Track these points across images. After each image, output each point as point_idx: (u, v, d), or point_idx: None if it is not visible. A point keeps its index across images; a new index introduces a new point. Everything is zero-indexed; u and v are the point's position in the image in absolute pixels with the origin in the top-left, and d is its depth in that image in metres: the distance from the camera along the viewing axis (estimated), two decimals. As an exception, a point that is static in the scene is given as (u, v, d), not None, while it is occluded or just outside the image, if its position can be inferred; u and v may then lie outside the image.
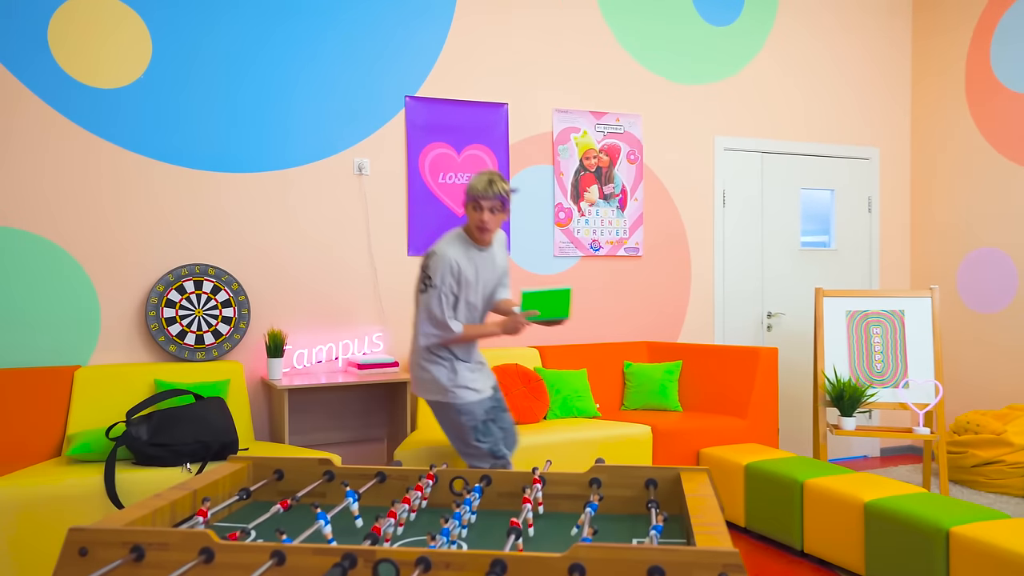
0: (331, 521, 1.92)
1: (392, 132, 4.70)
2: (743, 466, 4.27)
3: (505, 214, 3.31)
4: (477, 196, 3.21)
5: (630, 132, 5.34)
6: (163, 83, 4.21)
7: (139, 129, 4.17)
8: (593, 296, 5.26)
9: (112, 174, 4.12)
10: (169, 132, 4.22)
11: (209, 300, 4.22)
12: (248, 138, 4.38)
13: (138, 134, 4.16)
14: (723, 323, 5.66)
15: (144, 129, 4.17)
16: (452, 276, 3.25)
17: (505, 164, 4.98)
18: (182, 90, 4.24)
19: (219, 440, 3.60)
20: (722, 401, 4.90)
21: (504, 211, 3.28)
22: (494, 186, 3.20)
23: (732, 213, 5.70)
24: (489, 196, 3.20)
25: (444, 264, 3.24)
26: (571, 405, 4.71)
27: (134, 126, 4.16)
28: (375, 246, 4.67)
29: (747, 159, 5.75)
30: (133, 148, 4.16)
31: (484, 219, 3.22)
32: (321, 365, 4.53)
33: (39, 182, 3.99)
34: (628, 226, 5.34)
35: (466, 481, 2.14)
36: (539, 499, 2.05)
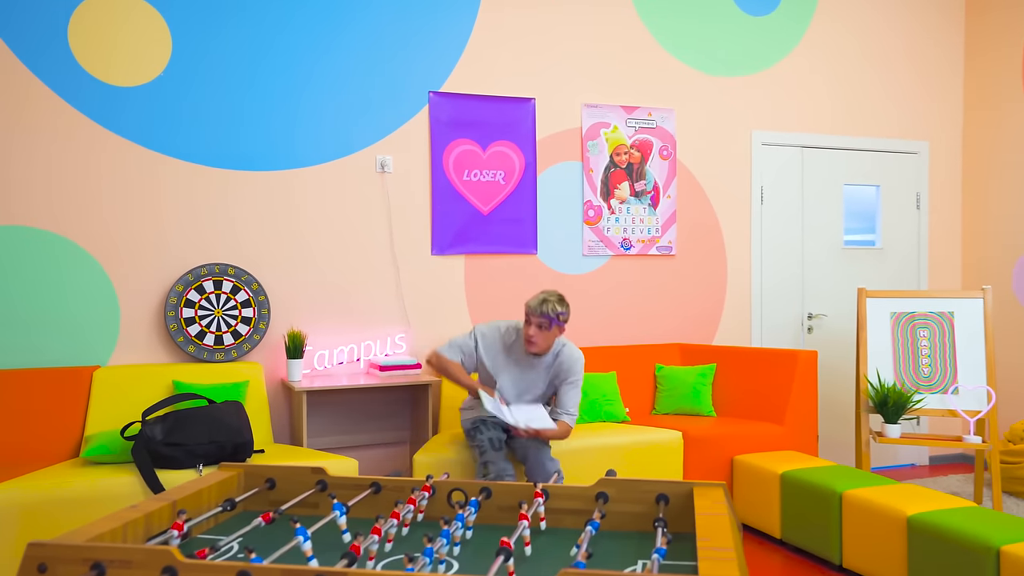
0: (318, 536, 1.81)
1: (416, 128, 4.60)
2: (779, 475, 4.07)
3: (557, 331, 3.68)
4: (528, 312, 3.64)
5: (663, 127, 5.16)
6: (184, 80, 4.16)
7: (159, 127, 4.12)
8: (623, 297, 5.09)
9: (133, 173, 4.09)
10: (190, 130, 4.17)
11: (228, 300, 4.17)
12: (269, 135, 4.31)
13: (158, 132, 4.12)
14: (761, 325, 5.44)
15: (164, 127, 4.13)
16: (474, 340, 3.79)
17: (532, 161, 4.84)
18: (203, 87, 4.19)
19: (233, 441, 3.53)
20: (758, 406, 4.69)
21: (553, 329, 3.65)
22: (544, 306, 3.59)
23: (771, 210, 5.48)
24: (537, 314, 3.61)
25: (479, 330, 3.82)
26: (599, 409, 4.56)
27: (154, 124, 4.12)
28: (398, 245, 4.57)
29: (786, 154, 5.52)
30: (153, 146, 4.12)
31: (530, 333, 3.64)
32: (342, 367, 4.44)
33: (60, 181, 3.97)
34: (660, 224, 5.16)
35: (465, 493, 2.01)
36: (541, 514, 1.91)
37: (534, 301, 3.63)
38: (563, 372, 3.75)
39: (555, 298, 3.63)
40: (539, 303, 3.61)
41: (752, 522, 4.28)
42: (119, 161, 4.06)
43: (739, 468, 4.36)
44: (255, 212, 4.29)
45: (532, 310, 3.62)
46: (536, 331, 3.63)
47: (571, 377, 3.74)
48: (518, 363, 3.77)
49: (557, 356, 3.77)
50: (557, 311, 3.61)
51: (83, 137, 4.00)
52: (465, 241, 4.70)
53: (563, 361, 3.75)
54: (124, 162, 4.07)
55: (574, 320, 4.94)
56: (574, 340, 4.95)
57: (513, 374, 3.77)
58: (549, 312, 3.60)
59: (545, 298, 3.62)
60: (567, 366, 3.75)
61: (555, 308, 3.61)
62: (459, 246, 4.69)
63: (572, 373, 3.74)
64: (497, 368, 3.77)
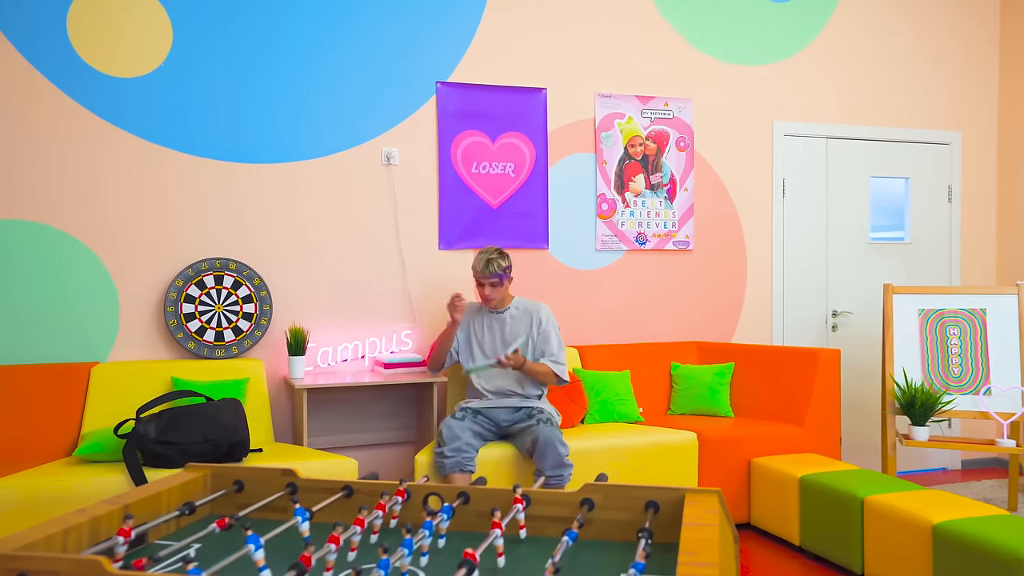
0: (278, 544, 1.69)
1: (422, 120, 4.48)
2: (797, 479, 3.89)
3: (508, 283, 3.93)
4: (477, 276, 3.88)
5: (680, 117, 4.99)
6: (184, 71, 4.08)
7: (160, 119, 4.05)
8: (638, 293, 4.92)
9: (132, 165, 4.02)
10: (190, 122, 4.09)
11: (229, 295, 4.08)
12: (272, 127, 4.22)
13: (158, 124, 4.05)
14: (782, 323, 5.24)
15: (165, 119, 4.05)
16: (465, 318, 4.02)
17: (543, 153, 4.69)
18: (204, 78, 4.11)
19: (228, 440, 3.44)
20: (778, 407, 4.50)
21: (505, 283, 3.90)
22: (491, 265, 3.84)
23: (793, 204, 5.28)
24: (486, 275, 3.85)
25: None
26: (611, 409, 4.40)
27: (154, 116, 4.04)
28: (404, 240, 4.45)
29: (810, 145, 5.31)
30: (153, 139, 4.04)
31: (486, 294, 3.90)
32: (347, 364, 4.33)
33: (58, 174, 3.91)
34: (677, 218, 4.99)
35: (442, 498, 1.88)
36: (521, 521, 1.77)
37: (479, 264, 3.85)
38: (519, 327, 3.96)
39: (496, 254, 3.87)
40: (484, 265, 3.84)
41: (770, 528, 4.10)
42: (119, 153, 3.99)
43: (757, 471, 4.18)
44: (257, 205, 4.20)
45: (480, 273, 3.85)
46: (490, 290, 3.88)
47: (540, 325, 3.95)
48: (490, 325, 3.98)
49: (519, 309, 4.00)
50: (502, 267, 3.86)
51: (81, 129, 3.94)
52: (474, 235, 4.57)
53: (528, 311, 3.99)
54: (124, 154, 4.00)
55: (586, 316, 4.79)
56: (586, 337, 4.80)
57: (493, 330, 3.97)
58: (496, 270, 3.84)
59: (488, 259, 3.85)
60: (532, 314, 3.97)
61: (499, 264, 3.85)
62: (468, 240, 4.56)
63: (538, 320, 3.96)
64: (477, 329, 3.99)
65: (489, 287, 3.87)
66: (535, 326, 3.96)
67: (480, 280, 3.88)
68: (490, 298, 3.89)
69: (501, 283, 3.88)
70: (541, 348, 3.95)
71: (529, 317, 3.97)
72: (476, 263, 3.87)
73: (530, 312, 3.99)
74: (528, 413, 3.88)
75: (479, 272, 3.86)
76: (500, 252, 3.89)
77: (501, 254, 3.88)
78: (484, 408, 3.90)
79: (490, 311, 4.00)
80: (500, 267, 3.84)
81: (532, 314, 3.98)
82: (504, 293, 3.94)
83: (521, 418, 3.87)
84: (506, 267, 3.87)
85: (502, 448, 3.85)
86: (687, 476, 4.14)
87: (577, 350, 4.64)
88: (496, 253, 3.88)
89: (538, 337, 3.96)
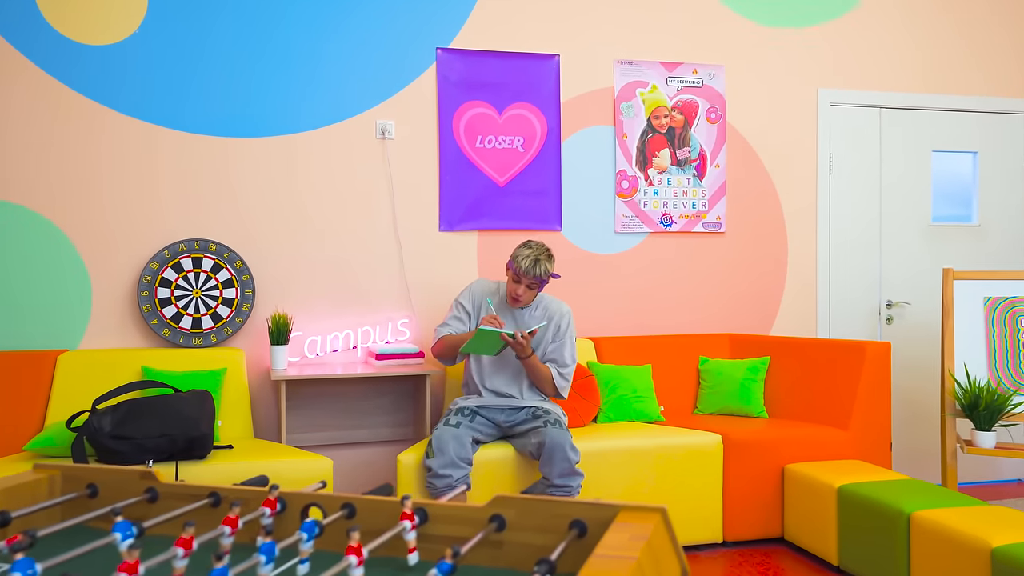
0: (88, 564, 1.33)
1: (421, 90, 4.11)
2: (835, 489, 3.39)
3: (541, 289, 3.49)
4: (518, 271, 3.38)
5: (710, 86, 4.50)
6: (159, 39, 3.80)
7: (133, 89, 3.78)
8: (663, 280, 4.46)
9: (105, 139, 3.76)
10: (167, 92, 3.81)
11: (209, 279, 3.79)
12: (255, 98, 3.91)
13: (132, 95, 3.78)
14: (828, 314, 4.70)
15: (139, 89, 3.78)
16: (468, 299, 3.58)
17: (556, 125, 4.28)
18: (180, 46, 3.83)
19: (186, 434, 3.13)
20: (819, 407, 3.99)
21: (541, 288, 3.48)
22: (538, 267, 3.37)
23: (841, 182, 4.73)
24: (530, 276, 3.38)
25: (469, 288, 3.61)
26: (628, 407, 3.96)
27: (128, 86, 3.77)
28: (401, 221, 4.09)
29: (861, 116, 4.76)
30: (127, 111, 3.78)
31: (519, 293, 3.43)
32: (337, 355, 4.00)
33: (25, 148, 3.68)
34: (708, 197, 4.51)
35: (324, 511, 1.50)
36: (411, 543, 1.38)
37: (526, 261, 3.37)
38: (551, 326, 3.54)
39: (545, 255, 3.41)
40: (532, 264, 3.37)
41: (805, 544, 3.60)
42: (90, 127, 3.74)
43: (791, 480, 3.69)
44: (239, 183, 3.90)
45: (524, 272, 3.38)
46: (526, 292, 3.45)
47: (559, 331, 3.54)
48: (504, 316, 3.55)
49: (539, 307, 3.58)
50: (550, 272, 3.42)
51: (49, 100, 3.69)
52: (478, 216, 4.19)
53: (550, 312, 3.56)
54: (95, 128, 3.74)
55: (603, 305, 4.36)
56: (603, 327, 4.36)
57: (507, 321, 3.54)
58: (542, 275, 3.40)
59: (537, 257, 3.38)
60: (553, 317, 3.55)
61: (546, 269, 3.40)
62: (471, 221, 4.18)
63: (557, 325, 3.54)
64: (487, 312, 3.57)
65: (526, 288, 3.42)
66: (552, 331, 3.53)
67: (519, 277, 3.41)
68: (522, 299, 3.45)
69: (541, 287, 3.47)
70: (552, 356, 3.52)
71: (549, 319, 3.53)
72: (521, 258, 3.37)
73: (551, 314, 3.54)
74: (533, 413, 3.47)
75: (523, 270, 3.37)
76: (550, 253, 3.43)
77: (550, 256, 3.43)
78: (483, 407, 3.50)
79: (507, 306, 3.56)
80: (547, 272, 3.40)
81: (553, 316, 3.54)
82: (534, 296, 3.51)
83: (525, 418, 3.47)
84: (553, 273, 3.46)
85: (502, 448, 3.46)
86: (709, 484, 3.67)
87: (592, 342, 4.21)
88: (546, 254, 3.41)
89: (552, 344, 3.53)
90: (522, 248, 3.42)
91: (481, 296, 3.59)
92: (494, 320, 3.34)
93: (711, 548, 3.72)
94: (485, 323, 3.33)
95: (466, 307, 3.58)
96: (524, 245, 3.44)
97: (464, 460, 3.26)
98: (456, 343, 3.46)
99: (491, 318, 3.35)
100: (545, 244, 3.48)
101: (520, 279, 3.41)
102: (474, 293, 3.61)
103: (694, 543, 3.68)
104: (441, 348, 3.53)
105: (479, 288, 3.62)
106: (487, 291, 3.61)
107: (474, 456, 3.37)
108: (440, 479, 3.22)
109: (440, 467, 3.22)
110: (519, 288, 3.42)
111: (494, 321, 3.34)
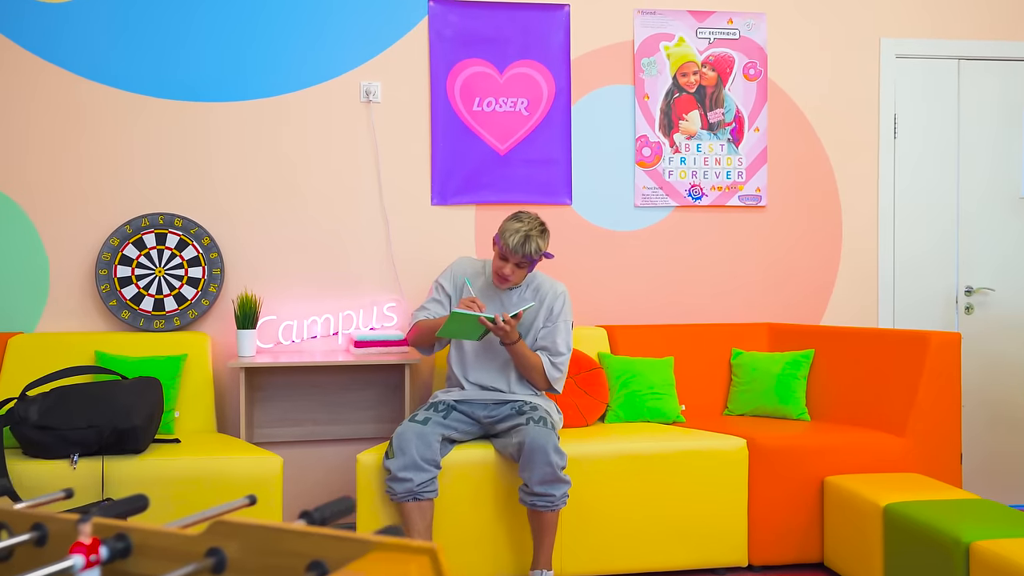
0: None
1: (411, 47, 3.68)
2: (881, 508, 2.77)
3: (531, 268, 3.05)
4: (504, 249, 2.94)
5: (748, 37, 3.91)
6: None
7: (92, 49, 3.48)
8: (691, 261, 3.89)
9: (61, 105, 3.48)
10: (129, 53, 3.51)
11: (173, 257, 3.46)
12: (226, 59, 3.57)
13: (91, 55, 3.48)
14: (893, 302, 4.03)
15: (98, 49, 3.49)
16: (449, 280, 3.17)
17: (565, 86, 3.78)
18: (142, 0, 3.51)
19: (114, 426, 2.78)
20: (870, 409, 3.36)
21: (532, 268, 3.04)
22: (528, 245, 2.91)
23: (908, 147, 4.05)
24: (518, 254, 2.93)
25: (450, 268, 3.20)
26: (641, 404, 3.42)
27: (86, 45, 3.48)
28: (388, 194, 3.68)
29: (933, 70, 4.06)
30: (86, 73, 3.49)
31: (506, 273, 2.98)
32: (316, 342, 3.61)
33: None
34: (745, 166, 3.91)
35: (9, 530, 1.07)
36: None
37: (514, 237, 2.90)
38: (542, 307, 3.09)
39: (537, 231, 2.93)
40: (521, 240, 2.90)
41: (848, 573, 2.99)
42: (45, 91, 3.46)
43: (831, 494, 3.08)
44: (209, 152, 3.56)
45: (512, 249, 2.92)
46: (513, 271, 2.98)
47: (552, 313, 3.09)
48: (490, 296, 3.12)
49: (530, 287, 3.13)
50: (541, 249, 2.95)
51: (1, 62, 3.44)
52: (476, 188, 3.73)
53: (541, 292, 3.10)
54: (51, 92, 3.46)
55: (619, 289, 3.83)
56: (618, 315, 3.83)
57: (493, 303, 3.10)
58: (532, 253, 2.93)
59: (527, 233, 2.91)
60: (545, 297, 3.09)
61: (538, 247, 2.93)
62: (468, 194, 3.72)
63: (550, 307, 3.09)
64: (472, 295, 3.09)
65: (514, 267, 2.96)
66: (544, 313, 3.07)
67: (505, 255, 2.95)
68: (509, 279, 2.99)
69: (531, 266, 3.01)
70: (544, 343, 3.05)
71: (541, 300, 3.07)
72: (508, 234, 2.91)
73: (543, 293, 3.08)
74: (518, 408, 2.99)
75: (510, 248, 2.91)
76: (543, 228, 2.96)
77: (544, 231, 2.96)
78: (463, 401, 3.05)
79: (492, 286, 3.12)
80: (538, 249, 2.93)
81: (546, 297, 3.08)
82: (523, 276, 3.04)
83: (508, 414, 2.99)
84: (546, 252, 2.98)
85: (481, 449, 3.00)
86: (732, 497, 3.10)
87: (605, 330, 3.68)
88: (538, 228, 2.94)
89: (543, 328, 3.07)
90: (511, 221, 2.96)
91: (464, 276, 3.15)
92: (472, 304, 2.88)
93: (734, 573, 3.15)
94: (462, 306, 2.87)
95: (446, 288, 3.15)
96: (514, 217, 2.98)
97: (429, 462, 2.81)
98: (432, 328, 3.02)
99: (468, 301, 2.88)
100: (539, 217, 2.99)
101: (507, 257, 2.95)
102: (455, 273, 3.18)
103: (713, 567, 3.12)
104: (415, 334, 3.10)
105: (461, 267, 3.18)
106: (471, 270, 3.16)
107: (447, 457, 2.92)
108: (400, 483, 2.78)
109: (400, 469, 2.78)
110: (506, 267, 2.96)
111: (472, 305, 2.87)
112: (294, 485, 3.54)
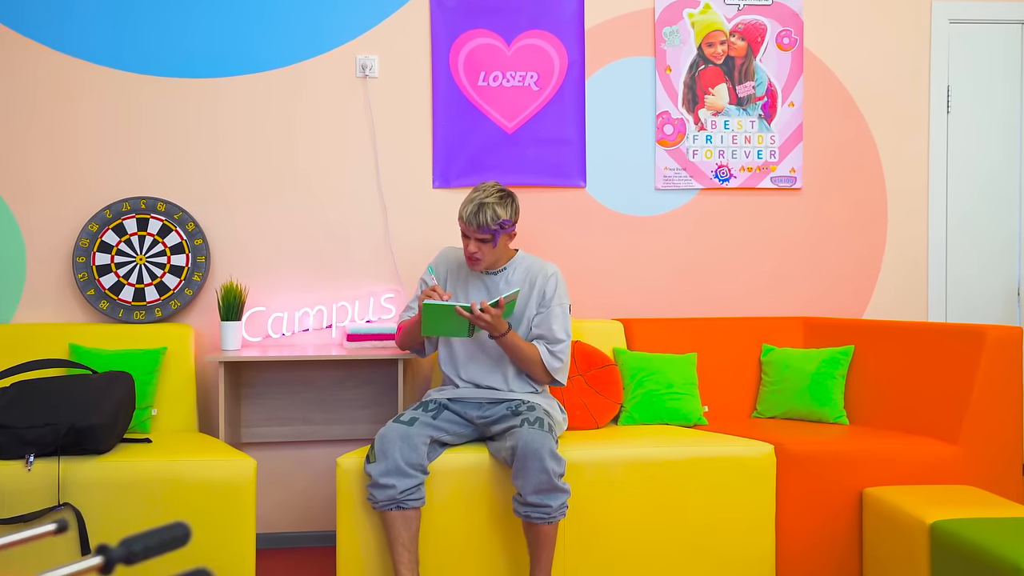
0: None
1: (410, 17, 3.42)
2: (927, 526, 2.41)
3: (507, 238, 2.76)
4: (462, 226, 2.71)
5: (782, 3, 3.56)
6: (108, -31, 3.30)
7: (70, 23, 3.28)
8: (718, 248, 3.56)
9: (38, 81, 3.28)
10: (109, 27, 3.30)
11: (155, 244, 3.24)
12: (212, 32, 3.34)
13: (69, 30, 3.28)
14: (945, 294, 3.64)
15: (77, 23, 3.28)
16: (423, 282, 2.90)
17: (579, 58, 3.47)
18: (131, -24, 3.31)
19: (71, 424, 2.56)
20: (918, 412, 2.99)
21: (500, 239, 2.72)
22: (481, 214, 2.64)
23: (965, 121, 3.65)
24: (474, 227, 2.66)
25: (435, 260, 2.94)
26: (659, 405, 3.10)
27: (64, 20, 3.28)
28: (386, 176, 3.42)
29: (993, 35, 3.66)
30: (64, 48, 3.28)
31: (471, 251, 2.72)
32: (308, 335, 3.37)
33: (-39, 98, 3.26)
34: (779, 144, 3.56)
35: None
36: None
37: (466, 209, 2.67)
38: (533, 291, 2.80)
39: (495, 197, 2.67)
40: (473, 212, 2.64)
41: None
42: (19, 66, 3.26)
43: (871, 508, 2.72)
44: (196, 131, 3.34)
45: (467, 221, 2.67)
46: (478, 247, 2.70)
47: (544, 297, 2.79)
48: (476, 286, 2.84)
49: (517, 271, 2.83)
50: (499, 219, 2.65)
51: (-15, 42, 3.27)
52: (482, 169, 3.45)
53: (531, 274, 2.81)
54: (26, 68, 3.27)
55: (637, 280, 3.51)
56: (637, 307, 3.51)
57: (479, 293, 2.82)
58: (488, 223, 2.64)
59: (482, 201, 2.65)
60: (535, 280, 2.80)
61: (494, 215, 2.64)
62: (473, 176, 3.44)
63: (541, 290, 2.79)
64: (455, 288, 2.86)
65: (476, 243, 2.69)
66: (536, 298, 2.78)
67: (466, 232, 2.70)
68: (476, 258, 2.71)
69: (495, 240, 2.70)
70: (539, 331, 2.77)
71: (531, 284, 2.79)
72: (463, 206, 2.68)
73: (533, 276, 2.80)
74: (514, 408, 2.70)
75: (464, 220, 2.67)
76: (502, 194, 2.69)
77: (502, 197, 2.68)
78: (455, 400, 2.77)
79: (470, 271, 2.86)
80: (495, 219, 2.63)
81: (535, 280, 2.79)
82: (498, 253, 2.75)
83: (503, 414, 2.70)
84: (505, 220, 2.66)
85: (475, 453, 2.71)
86: (757, 510, 2.76)
87: (621, 324, 3.36)
88: (495, 195, 2.67)
89: (537, 315, 2.78)
90: (470, 191, 2.73)
91: (446, 267, 2.88)
92: (432, 293, 2.60)
93: (760, 595, 2.81)
94: (424, 297, 2.60)
95: (428, 283, 2.87)
96: (473, 188, 2.75)
97: (414, 466, 2.53)
98: (416, 327, 2.75)
99: (429, 291, 2.61)
100: (501, 184, 2.73)
101: (468, 234, 2.70)
102: (438, 264, 2.91)
103: (736, 587, 2.78)
104: (401, 336, 2.86)
105: (444, 258, 2.92)
106: (456, 260, 2.89)
107: (437, 461, 2.64)
108: (381, 490, 2.51)
109: (381, 475, 2.51)
110: (470, 244, 2.70)
111: (432, 294, 2.59)
112: (281, 489, 3.29)
